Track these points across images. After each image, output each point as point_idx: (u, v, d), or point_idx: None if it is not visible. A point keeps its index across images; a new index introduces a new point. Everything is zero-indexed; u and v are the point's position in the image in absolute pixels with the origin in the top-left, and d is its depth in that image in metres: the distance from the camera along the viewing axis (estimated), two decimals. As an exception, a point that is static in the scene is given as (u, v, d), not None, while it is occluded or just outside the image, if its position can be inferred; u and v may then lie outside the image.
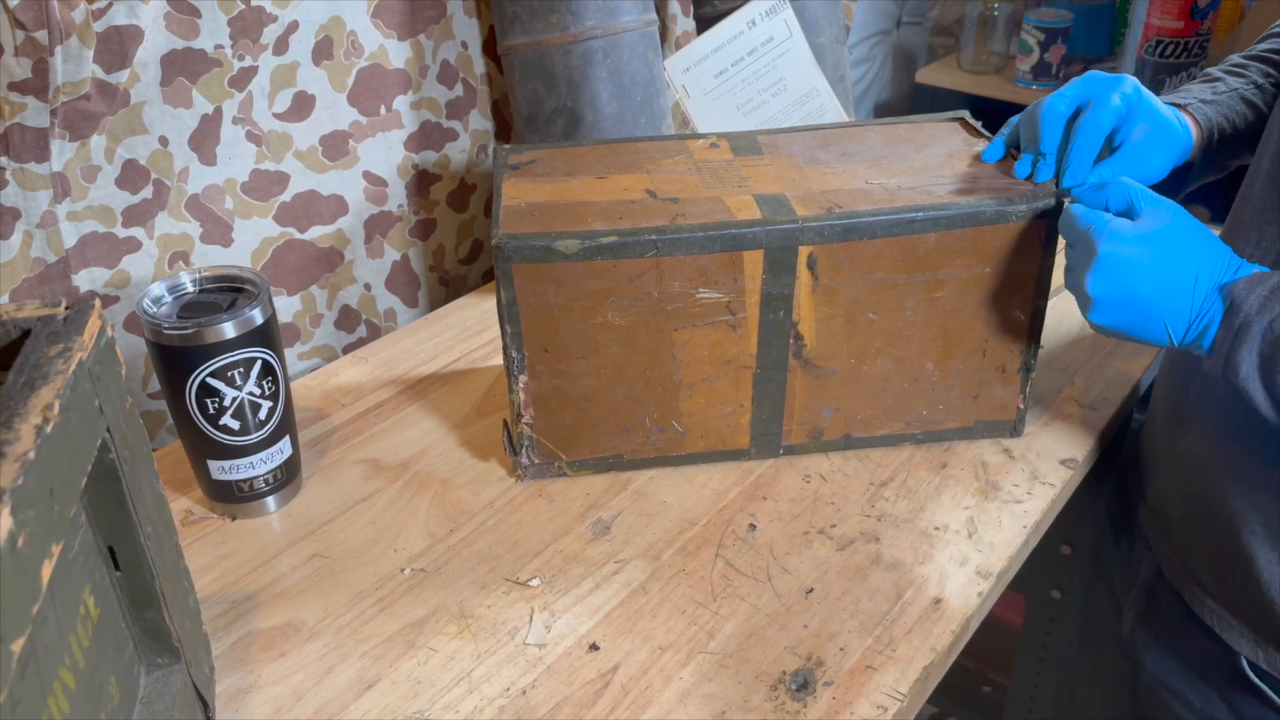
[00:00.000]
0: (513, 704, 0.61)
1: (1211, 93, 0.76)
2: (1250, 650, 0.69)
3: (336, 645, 0.65)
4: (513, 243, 0.68)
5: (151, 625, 0.53)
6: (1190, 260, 0.62)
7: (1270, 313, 0.58)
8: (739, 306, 0.72)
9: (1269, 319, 0.58)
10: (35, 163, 0.76)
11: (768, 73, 1.06)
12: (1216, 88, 0.76)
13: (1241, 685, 0.70)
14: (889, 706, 0.60)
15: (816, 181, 0.75)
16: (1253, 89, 0.77)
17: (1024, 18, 1.75)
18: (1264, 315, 0.58)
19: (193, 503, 0.77)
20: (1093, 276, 0.63)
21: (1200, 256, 0.62)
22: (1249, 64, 0.79)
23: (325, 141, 0.95)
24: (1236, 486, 0.69)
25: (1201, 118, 0.74)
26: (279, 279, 0.96)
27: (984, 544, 0.72)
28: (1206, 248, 0.62)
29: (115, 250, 0.84)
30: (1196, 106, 0.75)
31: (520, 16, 0.96)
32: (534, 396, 0.74)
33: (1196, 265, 0.61)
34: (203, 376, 0.68)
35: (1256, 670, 0.69)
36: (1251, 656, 0.69)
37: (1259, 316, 0.58)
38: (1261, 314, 0.58)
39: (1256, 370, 0.59)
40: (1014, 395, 0.78)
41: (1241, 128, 0.76)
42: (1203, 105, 0.75)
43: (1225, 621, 0.71)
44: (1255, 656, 0.69)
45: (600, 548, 0.72)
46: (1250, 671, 0.69)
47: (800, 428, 0.78)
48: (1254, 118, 0.76)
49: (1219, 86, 0.77)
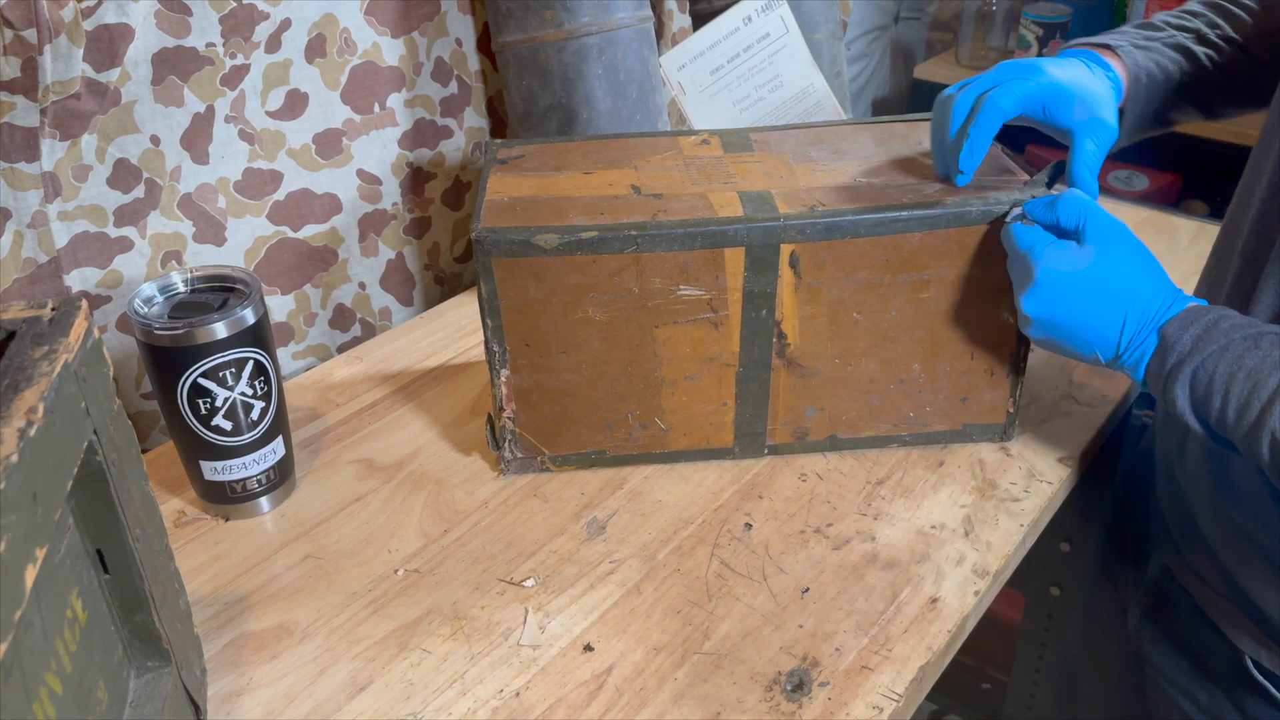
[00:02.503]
0: (506, 706, 0.60)
1: (1145, 39, 0.76)
2: (1253, 649, 0.69)
3: (329, 647, 0.65)
4: (492, 236, 0.68)
5: (141, 628, 0.53)
6: (1122, 298, 0.63)
7: (1201, 353, 0.60)
8: (720, 304, 0.72)
9: (1199, 359, 0.60)
10: (25, 162, 0.76)
11: (764, 69, 1.05)
12: (1152, 35, 0.76)
13: (1247, 683, 0.70)
14: (885, 707, 0.60)
15: (805, 179, 0.74)
16: (1194, 38, 0.76)
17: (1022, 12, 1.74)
18: (1195, 356, 0.60)
19: (185, 503, 0.77)
20: (1028, 298, 0.65)
21: (1133, 294, 0.63)
22: (1200, 12, 0.78)
23: (318, 140, 0.94)
24: (1230, 491, 0.69)
25: (1130, 61, 0.74)
26: (272, 278, 0.96)
27: (981, 543, 0.71)
28: (1142, 283, 0.63)
29: (107, 250, 0.83)
30: (1126, 50, 0.75)
31: (514, 13, 0.95)
32: (516, 391, 0.74)
33: (1126, 305, 0.63)
34: (194, 377, 0.68)
35: (1261, 669, 0.69)
36: (1255, 656, 0.69)
37: (1190, 357, 0.60)
38: (1192, 355, 0.60)
39: (1189, 406, 0.61)
40: (1003, 399, 0.78)
41: (1176, 76, 0.75)
42: (1133, 49, 0.75)
43: (1231, 620, 0.71)
44: (1259, 656, 0.69)
45: (595, 548, 0.72)
46: (1255, 670, 0.69)
47: (785, 427, 0.78)
48: (1191, 68, 0.76)
49: (1155, 34, 0.76)
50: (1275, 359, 0.58)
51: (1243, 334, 0.59)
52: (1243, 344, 0.59)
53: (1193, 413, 0.61)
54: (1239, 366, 0.58)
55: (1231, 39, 0.76)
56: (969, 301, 0.73)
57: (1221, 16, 0.77)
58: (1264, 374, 0.57)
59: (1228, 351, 0.59)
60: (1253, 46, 0.76)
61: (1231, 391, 0.58)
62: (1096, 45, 0.76)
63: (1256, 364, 0.58)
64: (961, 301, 0.73)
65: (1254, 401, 0.57)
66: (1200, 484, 0.72)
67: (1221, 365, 0.59)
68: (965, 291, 0.73)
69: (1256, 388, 0.57)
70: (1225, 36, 0.76)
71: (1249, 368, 0.58)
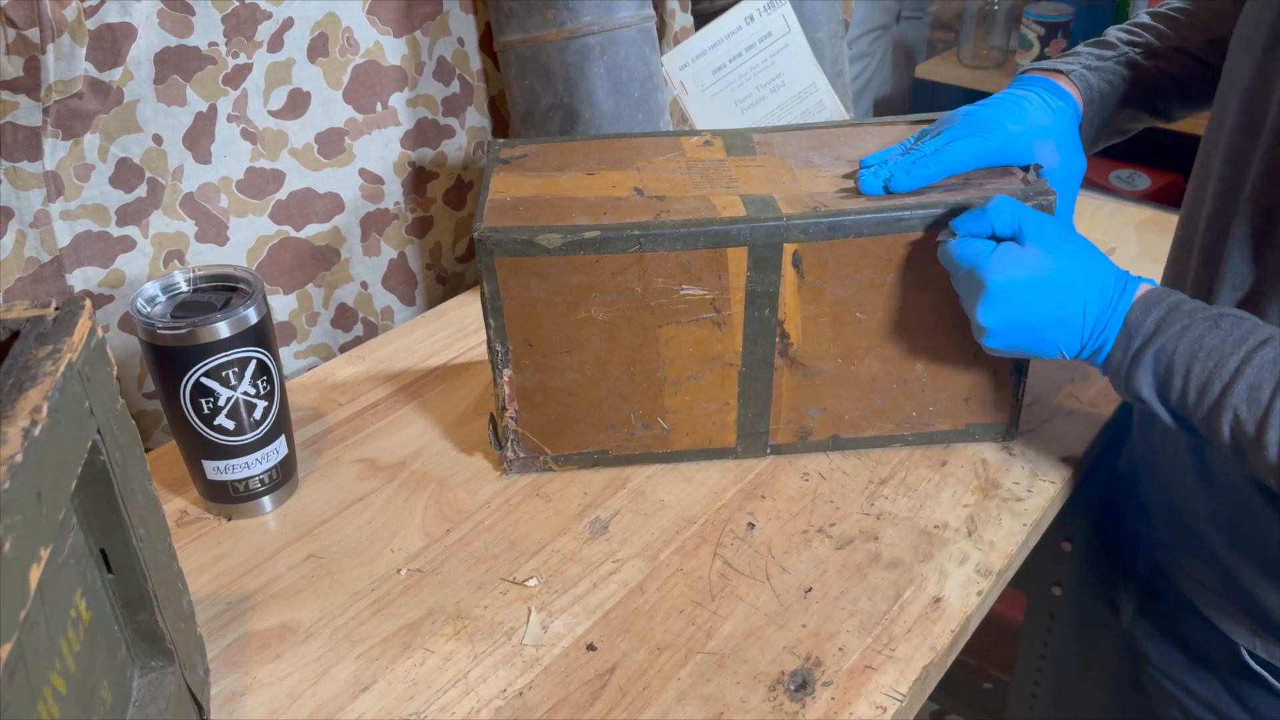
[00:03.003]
0: (509, 705, 0.60)
1: (1098, 59, 0.78)
2: (1248, 640, 0.70)
3: (332, 646, 0.64)
4: (495, 236, 0.68)
5: (144, 628, 0.53)
6: (1079, 288, 0.63)
7: (1163, 336, 0.60)
8: (723, 304, 0.71)
9: (1161, 342, 0.60)
10: (28, 161, 0.76)
11: (766, 68, 1.05)
12: (1104, 54, 0.79)
13: (1243, 673, 0.71)
14: (888, 707, 0.60)
15: (808, 185, 0.74)
16: (1144, 53, 0.78)
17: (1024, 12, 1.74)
18: (1158, 338, 0.61)
19: (188, 503, 0.77)
20: (984, 309, 0.65)
21: (1089, 283, 0.63)
22: (1151, 25, 0.81)
23: (321, 139, 0.94)
24: (1204, 486, 0.70)
25: (1083, 85, 0.77)
26: (275, 277, 0.96)
27: (984, 542, 0.71)
28: (1094, 272, 0.63)
29: (110, 249, 0.83)
30: (1079, 74, 0.77)
31: (516, 12, 0.95)
32: (518, 390, 0.74)
33: (1084, 294, 0.63)
34: (197, 376, 0.68)
35: (1256, 658, 0.70)
36: (1249, 646, 0.70)
37: (1153, 340, 0.61)
38: (1155, 336, 0.61)
39: (1154, 388, 0.62)
40: (1007, 399, 0.78)
41: (1129, 92, 0.78)
42: (1086, 72, 0.77)
43: (1222, 612, 0.71)
44: (1253, 646, 0.69)
45: (598, 547, 0.72)
46: (1251, 660, 0.70)
47: (787, 427, 0.78)
48: (1143, 81, 0.78)
49: (1107, 53, 0.79)
50: (1236, 339, 0.58)
51: (1204, 314, 0.60)
52: (1204, 324, 0.60)
53: (1157, 395, 0.62)
54: (1200, 346, 0.59)
55: (1182, 48, 0.78)
56: None
57: (1171, 27, 0.79)
58: (1225, 354, 0.58)
59: (1188, 332, 0.60)
60: (1204, 54, 0.78)
61: (1193, 371, 0.59)
62: (1050, 71, 0.78)
63: (1217, 344, 0.59)
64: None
65: (1215, 381, 0.58)
66: (1183, 478, 0.73)
67: (1182, 345, 0.60)
68: None
69: (1218, 367, 0.58)
70: (1176, 46, 0.78)
71: (1209, 347, 0.59)
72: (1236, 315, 0.60)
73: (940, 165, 0.71)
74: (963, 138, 0.72)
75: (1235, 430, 0.58)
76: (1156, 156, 1.80)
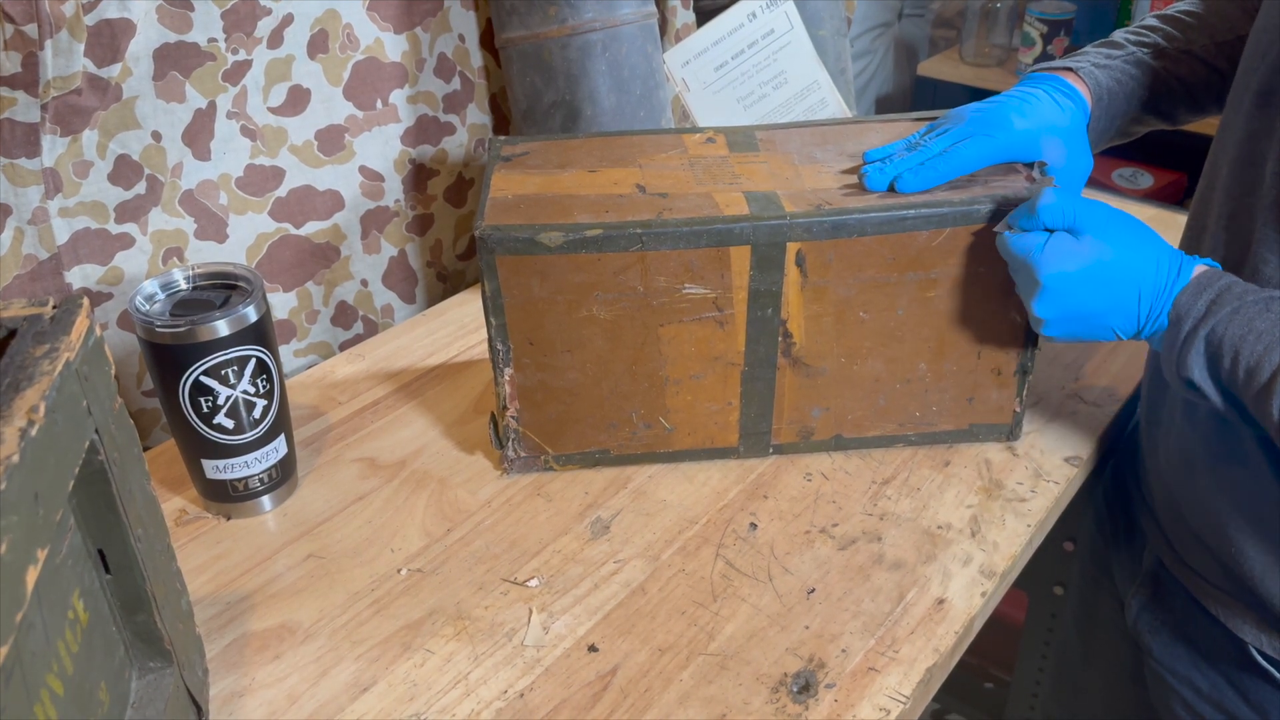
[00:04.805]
0: (510, 706, 0.60)
1: (1106, 58, 0.79)
2: (1254, 637, 0.70)
3: (332, 647, 0.64)
4: (496, 234, 0.67)
5: (143, 629, 0.52)
6: (1133, 275, 0.64)
7: (1213, 318, 0.61)
8: (726, 303, 0.71)
9: (1211, 324, 0.61)
10: (26, 158, 0.75)
11: (768, 66, 1.05)
12: (1113, 53, 0.79)
13: (1248, 668, 0.71)
14: (891, 709, 0.59)
15: (810, 181, 0.73)
16: (1151, 54, 0.78)
17: (1026, 10, 1.74)
18: (1209, 319, 0.61)
19: (187, 502, 0.76)
20: (1039, 302, 0.66)
21: (1143, 268, 0.64)
22: (1158, 27, 0.81)
23: (321, 136, 0.94)
24: (1213, 484, 0.70)
25: (1091, 82, 0.77)
26: (274, 275, 0.95)
27: (987, 543, 0.71)
28: (1148, 256, 0.64)
29: (108, 247, 0.83)
30: (1088, 70, 0.77)
31: (518, 9, 0.95)
32: (519, 389, 0.73)
33: (1139, 280, 0.64)
34: (196, 375, 0.67)
35: (1262, 654, 0.70)
36: (1255, 643, 0.70)
37: (1202, 323, 0.61)
38: (1206, 319, 0.61)
39: (1206, 370, 0.62)
40: (1010, 399, 0.77)
41: (1137, 92, 0.78)
42: (1094, 70, 0.77)
43: (1227, 609, 0.71)
44: (1259, 642, 0.69)
45: (599, 547, 0.71)
46: (1258, 656, 0.70)
47: (790, 427, 0.77)
48: (1150, 82, 0.78)
49: (1115, 53, 0.79)
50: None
51: (1255, 297, 0.61)
52: (1254, 307, 0.60)
53: (1209, 376, 0.62)
54: (1249, 329, 0.59)
55: (1189, 50, 0.78)
56: (976, 300, 0.72)
57: (1178, 29, 0.80)
58: (1276, 336, 0.58)
59: (1238, 314, 0.60)
60: (1210, 57, 0.78)
61: (1241, 353, 0.60)
62: (1059, 69, 0.78)
63: (1268, 327, 0.59)
64: (968, 300, 0.72)
65: (1265, 365, 0.58)
66: (1187, 472, 0.73)
67: (1232, 327, 0.60)
68: (972, 290, 0.72)
69: (1268, 350, 0.58)
70: (1183, 49, 0.78)
71: (1260, 330, 0.59)
72: None
73: (948, 166, 0.71)
74: (970, 137, 0.72)
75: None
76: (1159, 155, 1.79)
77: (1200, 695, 0.75)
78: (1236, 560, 0.69)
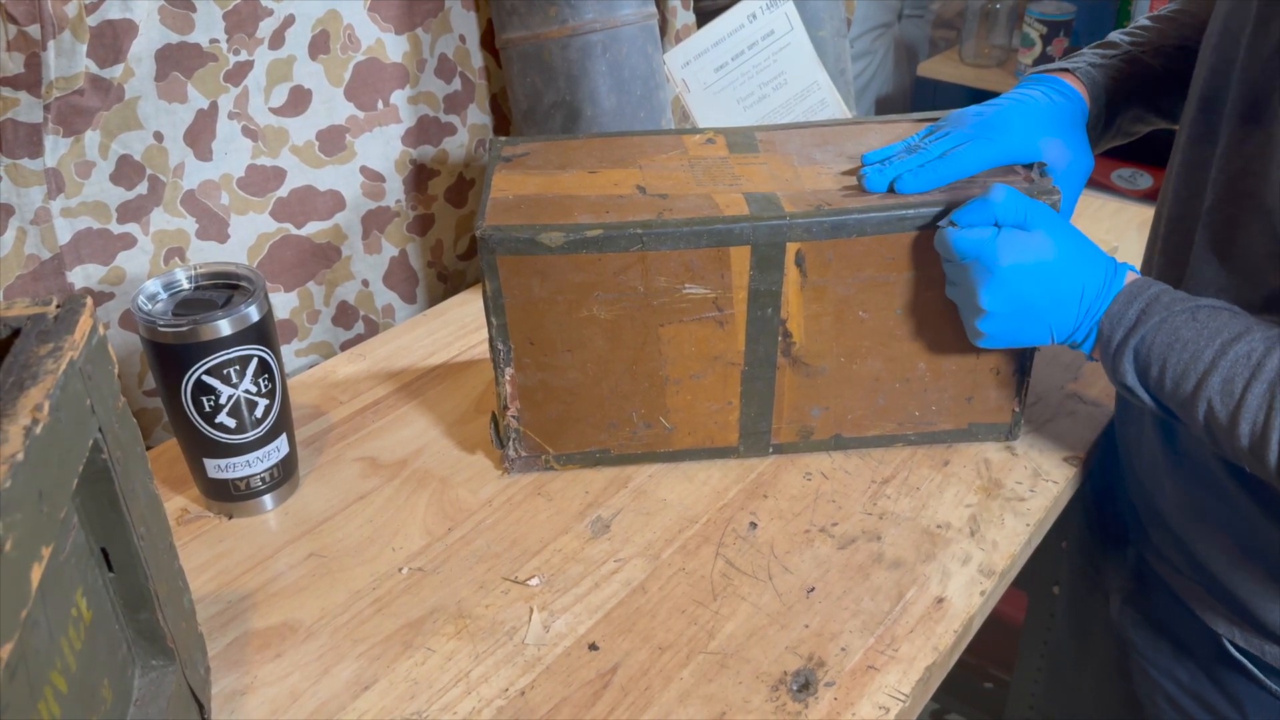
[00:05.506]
0: (511, 705, 0.60)
1: (1102, 58, 0.79)
2: (1226, 630, 0.71)
3: (333, 645, 0.64)
4: (496, 234, 0.68)
5: (145, 627, 0.53)
6: (1078, 273, 0.65)
7: (1143, 327, 0.63)
8: (726, 303, 0.71)
9: (1141, 333, 0.63)
10: (28, 158, 0.76)
11: (768, 67, 1.05)
12: (1109, 53, 0.80)
13: (1223, 661, 0.72)
14: (891, 707, 0.59)
15: (810, 182, 0.74)
16: (1148, 51, 0.79)
17: (1026, 10, 1.74)
18: (1139, 329, 0.63)
19: (189, 501, 0.76)
20: (990, 293, 0.66)
21: (1087, 268, 0.65)
22: (1152, 26, 0.82)
23: (322, 136, 0.94)
24: (1177, 481, 0.72)
25: (1089, 81, 0.78)
26: (275, 275, 0.95)
27: (987, 542, 0.71)
28: (1089, 257, 0.66)
29: (110, 247, 0.83)
30: (1085, 70, 0.78)
31: (518, 9, 0.95)
32: (520, 389, 0.74)
33: (1083, 279, 0.65)
34: (198, 374, 0.68)
35: (1236, 646, 0.71)
36: (1228, 635, 0.71)
37: (1133, 333, 0.63)
38: (1137, 328, 0.63)
39: (1137, 378, 0.64)
40: (1009, 398, 0.78)
41: (1135, 89, 0.79)
42: (1091, 69, 0.78)
43: (1201, 603, 0.72)
44: (1232, 635, 0.71)
45: (600, 546, 0.72)
46: (1232, 649, 0.71)
47: (790, 426, 0.77)
48: (1147, 79, 0.79)
49: (1111, 52, 0.80)
50: (1211, 331, 0.60)
51: (1182, 306, 0.62)
52: (1180, 316, 0.62)
53: (1140, 384, 0.64)
54: (1176, 338, 0.61)
55: (1184, 45, 0.79)
56: None
57: (1171, 26, 0.80)
58: (1200, 346, 0.60)
59: (1165, 324, 0.62)
60: None
61: (1169, 362, 0.61)
62: (1056, 70, 0.79)
63: (1193, 336, 0.61)
64: None
65: (1190, 373, 0.60)
66: (1156, 469, 0.74)
67: (1160, 336, 0.62)
68: None
69: (1193, 359, 0.60)
70: (1178, 44, 0.79)
71: (1185, 339, 0.61)
72: (1214, 307, 0.62)
73: (949, 170, 0.71)
74: (970, 141, 0.72)
75: (1210, 419, 0.60)
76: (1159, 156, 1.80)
77: (1182, 688, 0.76)
78: (1205, 556, 0.70)
